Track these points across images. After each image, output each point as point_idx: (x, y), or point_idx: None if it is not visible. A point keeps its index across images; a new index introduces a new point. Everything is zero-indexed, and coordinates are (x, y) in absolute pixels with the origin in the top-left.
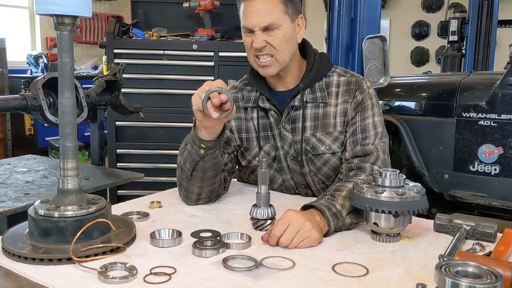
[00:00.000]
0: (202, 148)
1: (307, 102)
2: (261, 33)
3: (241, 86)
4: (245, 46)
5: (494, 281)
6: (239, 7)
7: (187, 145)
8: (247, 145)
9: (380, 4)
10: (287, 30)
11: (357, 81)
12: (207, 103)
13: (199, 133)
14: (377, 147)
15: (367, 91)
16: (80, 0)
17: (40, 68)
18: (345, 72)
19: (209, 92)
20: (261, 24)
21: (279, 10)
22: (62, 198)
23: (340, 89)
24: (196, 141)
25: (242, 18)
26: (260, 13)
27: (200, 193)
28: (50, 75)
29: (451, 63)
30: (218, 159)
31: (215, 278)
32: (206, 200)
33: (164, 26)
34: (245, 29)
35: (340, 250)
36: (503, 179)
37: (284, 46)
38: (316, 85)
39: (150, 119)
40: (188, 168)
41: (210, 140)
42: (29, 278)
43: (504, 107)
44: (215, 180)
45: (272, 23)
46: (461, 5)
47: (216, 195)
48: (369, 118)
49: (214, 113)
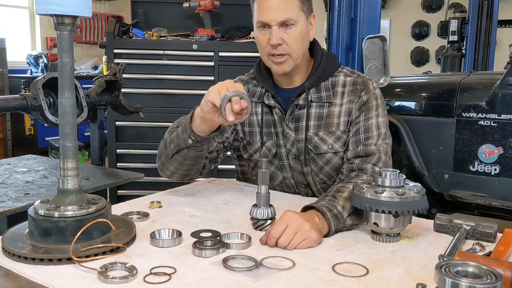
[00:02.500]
0: (191, 139)
1: (312, 101)
2: (277, 29)
3: (247, 79)
4: (258, 43)
5: (494, 281)
6: (253, 2)
7: (178, 128)
8: (250, 139)
9: (380, 4)
10: (302, 27)
11: (364, 81)
12: (226, 105)
13: (193, 124)
14: (379, 148)
15: (373, 92)
16: (80, 0)
17: (40, 68)
18: (351, 73)
19: (232, 95)
20: (278, 18)
21: (296, 6)
22: (62, 198)
23: (346, 89)
24: (187, 130)
25: (257, 13)
26: (277, 8)
27: (174, 172)
28: (50, 75)
29: (451, 63)
30: (202, 153)
31: (215, 278)
32: (178, 180)
33: (164, 26)
34: (261, 24)
35: (340, 250)
36: (503, 179)
37: (299, 44)
38: (322, 84)
39: (150, 119)
40: (171, 149)
41: (200, 136)
42: (29, 278)
43: (504, 107)
44: (192, 168)
45: (290, 19)
46: (461, 5)
47: (189, 178)
48: (373, 118)
49: (230, 116)
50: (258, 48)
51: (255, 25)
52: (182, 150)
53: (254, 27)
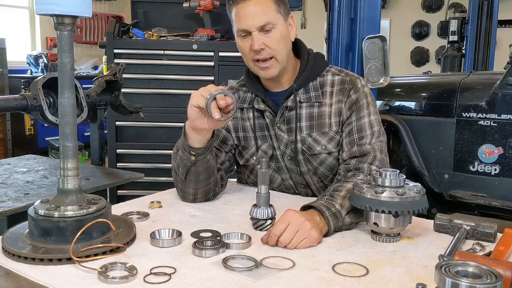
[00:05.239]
0: (193, 155)
1: (301, 102)
2: (258, 34)
3: (237, 86)
4: (241, 51)
5: (494, 281)
6: (231, 12)
7: (178, 151)
8: (245, 144)
9: (380, 4)
10: (282, 29)
11: (351, 80)
12: (211, 103)
13: (188, 140)
14: (374, 146)
15: (362, 90)
16: (80, 0)
17: (40, 68)
18: (339, 71)
19: (216, 93)
20: (257, 24)
21: (272, 9)
22: (62, 198)
23: (334, 89)
24: (186, 148)
25: (236, 22)
26: (255, 14)
27: (196, 193)
28: (50, 75)
29: (451, 63)
30: (210, 163)
31: (215, 278)
32: (203, 199)
33: (164, 26)
34: (241, 31)
35: (340, 250)
36: (503, 179)
37: (281, 46)
38: (310, 84)
39: (150, 119)
40: (181, 173)
41: (199, 148)
42: (29, 278)
43: (504, 107)
44: (209, 182)
45: (268, 22)
46: (461, 5)
47: (213, 194)
48: (364, 117)
49: (216, 113)
50: (243, 56)
51: (236, 34)
52: (190, 169)
53: (235, 37)
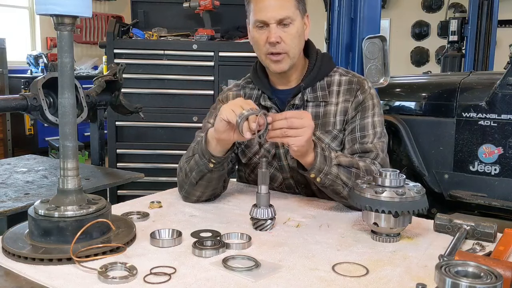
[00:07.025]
0: (212, 163)
1: (308, 101)
2: (275, 27)
3: (243, 84)
4: (255, 43)
5: (494, 281)
6: (249, 3)
7: (194, 155)
8: (248, 142)
9: (380, 4)
10: (299, 26)
11: (359, 81)
12: (244, 123)
13: (209, 147)
14: (376, 146)
15: (369, 92)
16: (80, 0)
17: (40, 68)
18: (347, 72)
19: (248, 113)
20: (277, 16)
21: (292, 5)
22: (62, 198)
23: (341, 88)
24: (206, 155)
25: (254, 13)
26: (275, 7)
27: (201, 196)
28: (50, 75)
29: (451, 63)
30: (225, 170)
31: (215, 278)
32: (205, 200)
33: (164, 26)
34: (259, 22)
35: (340, 250)
36: (503, 179)
37: (296, 42)
38: (317, 84)
39: (150, 119)
40: (194, 177)
41: (220, 156)
42: (29, 278)
43: (504, 107)
44: (218, 187)
45: (288, 16)
46: (461, 5)
47: (215, 196)
48: (368, 117)
49: (248, 133)
50: (255, 48)
51: (251, 25)
52: (205, 175)
53: (250, 28)
